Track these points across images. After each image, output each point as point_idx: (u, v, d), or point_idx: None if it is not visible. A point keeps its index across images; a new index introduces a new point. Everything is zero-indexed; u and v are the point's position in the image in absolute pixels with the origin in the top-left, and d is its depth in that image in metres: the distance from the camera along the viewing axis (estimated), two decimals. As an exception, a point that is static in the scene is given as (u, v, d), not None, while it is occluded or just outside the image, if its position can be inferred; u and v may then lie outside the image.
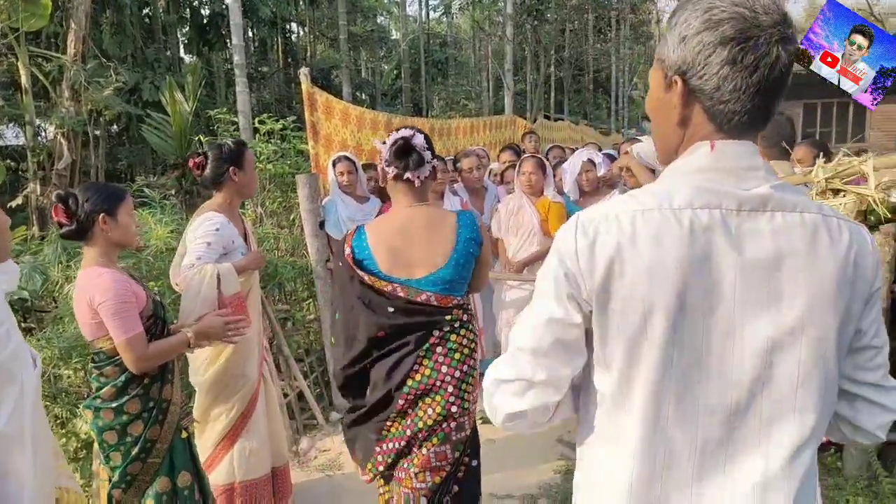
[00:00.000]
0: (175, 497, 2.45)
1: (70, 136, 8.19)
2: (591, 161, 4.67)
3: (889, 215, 2.04)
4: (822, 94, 19.30)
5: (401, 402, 2.17)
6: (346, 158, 4.62)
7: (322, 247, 4.48)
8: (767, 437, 1.03)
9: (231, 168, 2.89)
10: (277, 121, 5.36)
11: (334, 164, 4.58)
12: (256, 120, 5.46)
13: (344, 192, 4.57)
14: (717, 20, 0.97)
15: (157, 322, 2.41)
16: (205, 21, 18.01)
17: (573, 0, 18.23)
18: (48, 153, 8.31)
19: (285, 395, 4.27)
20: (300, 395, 4.44)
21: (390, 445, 2.23)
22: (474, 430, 2.33)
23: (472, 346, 2.28)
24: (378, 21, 31.51)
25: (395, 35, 27.26)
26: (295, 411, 4.40)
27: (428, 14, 29.75)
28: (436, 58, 28.82)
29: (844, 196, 2.12)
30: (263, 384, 3.19)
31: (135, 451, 2.34)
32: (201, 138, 5.39)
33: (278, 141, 5.32)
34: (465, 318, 2.26)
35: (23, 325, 4.52)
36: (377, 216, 4.73)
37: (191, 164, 2.94)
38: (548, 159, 6.52)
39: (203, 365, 2.98)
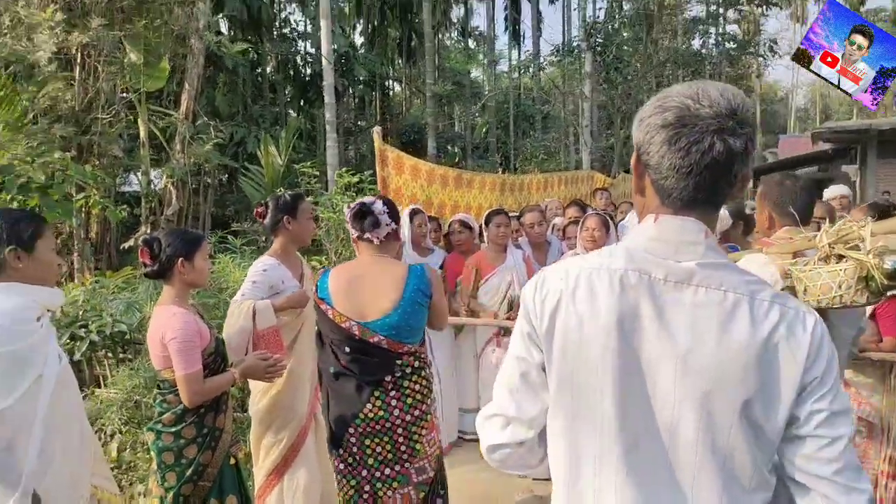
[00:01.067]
0: (222, 519, 2.67)
1: (179, 186, 9.03)
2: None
3: (886, 281, 2.00)
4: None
5: (350, 430, 2.38)
6: (420, 211, 4.86)
7: (385, 294, 4.71)
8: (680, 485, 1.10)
9: (285, 217, 3.19)
10: (354, 174, 5.72)
11: (412, 217, 4.83)
12: (336, 173, 5.86)
13: (412, 244, 4.78)
14: (664, 107, 1.10)
15: (216, 359, 2.66)
16: (306, 80, 19.37)
17: (659, 56, 18.14)
18: (159, 200, 9.19)
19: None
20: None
21: (344, 474, 2.46)
22: (440, 469, 2.52)
23: (426, 391, 2.48)
24: (472, 76, 32.68)
25: (487, 90, 28.16)
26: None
27: (519, 70, 30.50)
28: (526, 112, 29.39)
29: (846, 261, 2.09)
30: (315, 423, 3.38)
31: (188, 472, 2.57)
32: (281, 190, 5.84)
33: (354, 193, 5.66)
34: (416, 364, 2.47)
35: (121, 355, 5.02)
36: (441, 267, 4.95)
37: (256, 213, 3.27)
38: (617, 214, 6.56)
39: (258, 396, 3.24)
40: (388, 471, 2.39)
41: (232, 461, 2.71)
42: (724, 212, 4.09)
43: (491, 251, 4.70)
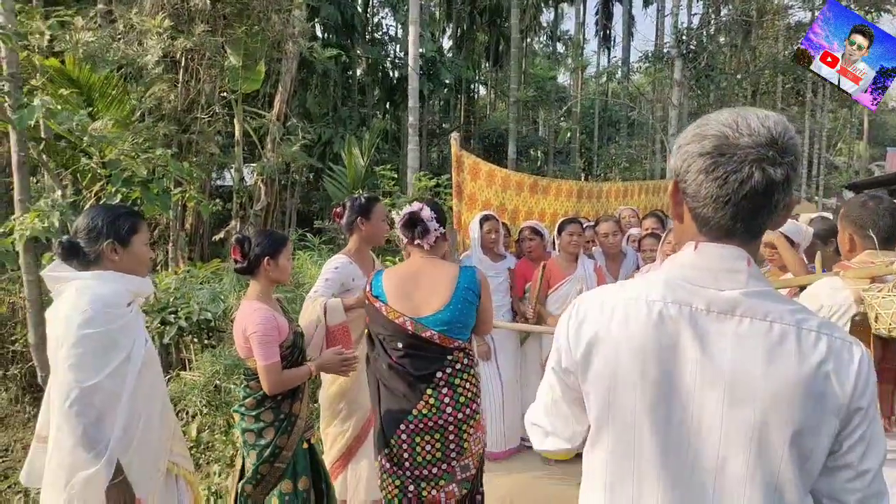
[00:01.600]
0: (296, 498, 2.83)
1: (268, 183, 9.48)
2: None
3: None
4: None
5: (402, 427, 2.44)
6: (494, 217, 4.92)
7: (454, 297, 4.79)
8: None
9: (359, 218, 3.36)
10: (432, 178, 5.83)
11: (482, 223, 4.89)
12: (414, 177, 5.98)
13: (484, 250, 4.85)
14: (703, 135, 1.10)
15: (294, 351, 2.84)
16: (393, 83, 19.81)
17: (757, 63, 17.31)
18: (249, 196, 9.68)
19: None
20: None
21: (390, 473, 2.52)
22: (481, 466, 2.58)
23: (476, 390, 2.54)
24: (559, 80, 32.38)
25: (577, 92, 27.85)
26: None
27: (608, 76, 29.93)
28: (613, 117, 28.80)
29: None
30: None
31: (266, 453, 2.77)
32: (360, 191, 6.04)
33: (431, 196, 5.77)
34: (465, 361, 2.54)
35: (206, 341, 5.35)
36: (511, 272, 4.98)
37: (334, 213, 3.44)
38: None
39: (327, 384, 3.43)
40: (434, 469, 2.47)
41: (305, 445, 2.87)
42: (806, 228, 3.90)
43: (562, 259, 4.69)
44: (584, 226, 5.01)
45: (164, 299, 5.14)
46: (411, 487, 2.47)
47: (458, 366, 2.53)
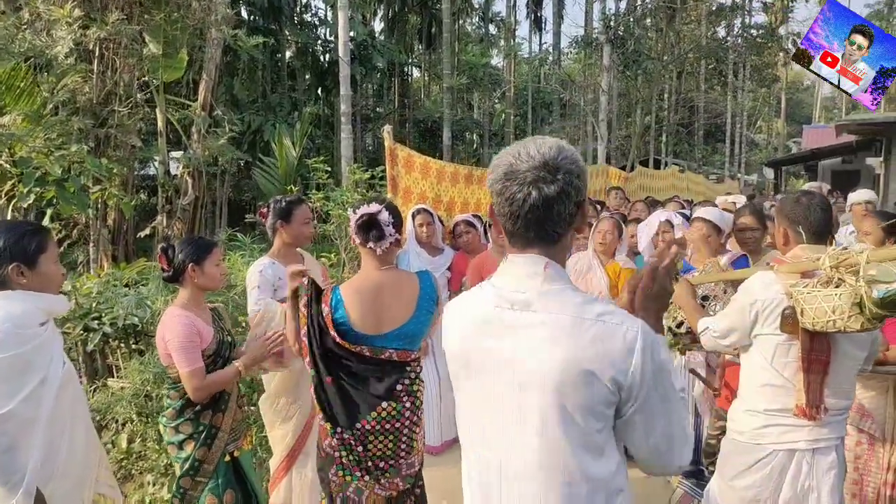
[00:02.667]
0: (222, 513, 2.76)
1: (195, 175, 9.14)
2: (668, 222, 4.65)
3: (875, 309, 1.99)
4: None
5: (358, 425, 2.42)
6: (426, 211, 4.88)
7: (392, 293, 4.76)
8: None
9: (279, 222, 3.31)
10: (366, 170, 5.75)
11: (414, 216, 4.85)
12: (348, 170, 5.88)
13: (420, 244, 4.82)
14: (497, 164, 1.36)
15: (216, 360, 2.76)
16: (325, 68, 19.38)
17: (682, 47, 17.83)
18: (176, 189, 9.31)
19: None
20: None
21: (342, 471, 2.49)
22: (422, 462, 2.63)
23: (422, 397, 2.58)
24: (493, 62, 32.44)
25: (510, 77, 27.96)
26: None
27: (540, 61, 30.21)
28: (546, 99, 29.12)
29: (843, 287, 2.08)
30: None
31: (186, 466, 2.70)
32: (291, 188, 5.89)
33: (365, 189, 5.69)
34: (419, 369, 2.56)
35: (133, 346, 5.13)
36: (449, 267, 4.97)
37: (259, 213, 3.37)
38: (630, 212, 6.51)
39: (267, 386, 3.36)
40: (382, 464, 2.46)
41: (227, 458, 2.80)
42: (729, 215, 4.04)
43: (495, 252, 4.70)
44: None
45: (87, 304, 4.89)
46: (353, 485, 2.45)
47: (413, 374, 2.52)
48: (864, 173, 26.75)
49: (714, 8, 19.61)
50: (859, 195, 5.25)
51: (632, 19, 15.32)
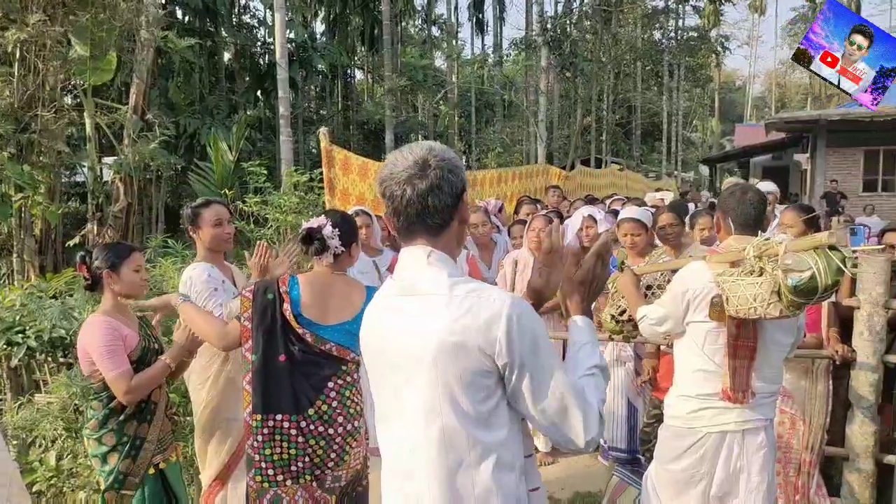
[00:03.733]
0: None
1: (127, 181, 8.84)
2: (591, 217, 4.79)
3: (791, 297, 2.11)
4: (884, 141, 18.72)
5: (294, 418, 2.42)
6: (364, 212, 4.87)
7: (331, 296, 4.71)
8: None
9: (190, 227, 3.23)
10: (303, 173, 5.69)
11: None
12: (285, 172, 5.81)
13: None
14: (382, 168, 1.50)
15: (140, 367, 2.66)
16: (263, 70, 19.00)
17: (618, 49, 18.28)
18: (107, 195, 8.98)
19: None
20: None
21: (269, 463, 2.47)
22: (358, 480, 2.60)
23: (359, 408, 2.56)
24: (437, 63, 32.50)
25: (454, 78, 28.02)
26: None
27: (483, 62, 30.46)
28: (489, 100, 29.36)
29: (764, 276, 2.19)
30: None
31: (110, 480, 2.62)
32: (226, 192, 5.76)
33: (303, 192, 5.63)
34: (356, 375, 2.54)
35: (62, 360, 4.93)
36: (389, 268, 4.97)
37: (181, 221, 3.30)
38: (571, 210, 6.66)
39: (200, 404, 3.22)
40: (309, 467, 2.44)
41: (151, 470, 2.73)
42: (647, 213, 4.19)
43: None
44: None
45: (9, 318, 4.68)
46: (279, 478, 2.43)
47: (349, 378, 2.51)
48: (792, 169, 28.08)
49: (649, 11, 20.17)
50: (763, 187, 5.50)
51: (568, 22, 15.62)
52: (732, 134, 41.33)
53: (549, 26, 14.34)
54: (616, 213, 5.22)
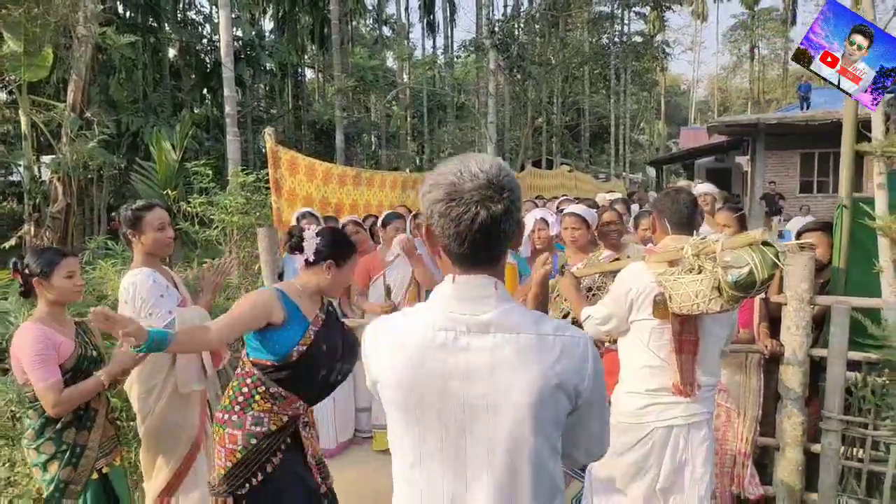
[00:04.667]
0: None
1: (65, 181, 8.54)
2: (543, 220, 4.86)
3: (731, 291, 2.23)
4: (819, 144, 19.60)
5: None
6: (311, 214, 4.84)
7: (278, 298, 4.68)
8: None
9: (129, 231, 3.07)
10: (249, 174, 5.61)
11: (298, 220, 4.80)
12: (231, 172, 5.71)
13: (306, 247, 4.77)
14: (436, 183, 1.30)
15: (75, 376, 2.60)
16: (209, 68, 18.58)
17: (565, 53, 18.62)
18: (44, 196, 8.65)
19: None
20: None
21: None
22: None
23: (228, 402, 2.63)
24: (388, 64, 32.38)
25: (405, 79, 27.96)
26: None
27: (434, 63, 30.51)
28: (442, 101, 29.46)
29: (704, 273, 2.30)
30: (206, 439, 3.26)
31: (51, 489, 2.55)
32: (168, 192, 5.63)
33: (249, 193, 5.55)
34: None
35: (-2, 366, 4.73)
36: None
37: (113, 224, 3.19)
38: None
39: (146, 415, 3.10)
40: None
41: (95, 475, 2.67)
42: (591, 213, 4.30)
43: (383, 254, 4.75)
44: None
45: (-63, 324, 4.45)
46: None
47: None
48: (734, 171, 29.08)
49: (594, 16, 20.59)
50: (700, 189, 5.70)
51: (516, 25, 15.82)
52: (678, 136, 42.55)
53: (496, 29, 14.49)
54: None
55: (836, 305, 3.12)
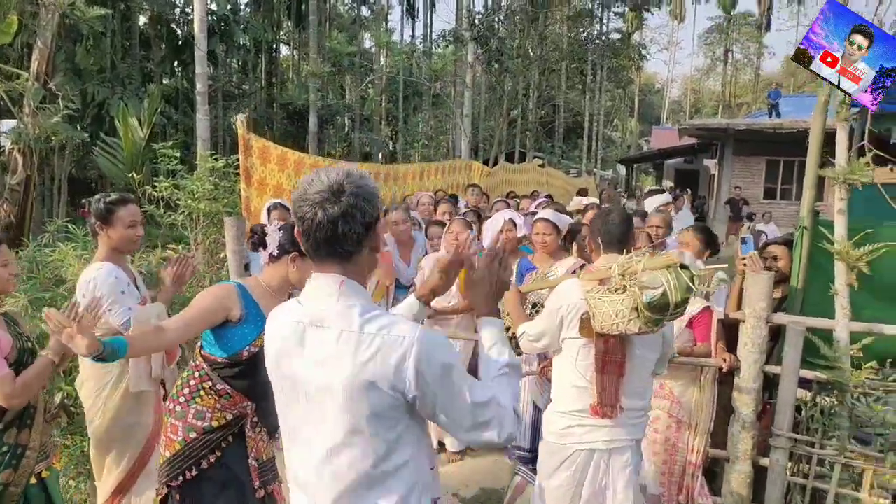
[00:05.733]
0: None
1: (26, 152, 8.25)
2: (512, 221, 4.89)
3: (646, 313, 2.26)
4: (784, 152, 20.04)
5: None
6: (282, 206, 4.77)
7: (244, 289, 4.62)
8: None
9: (98, 223, 2.99)
10: (217, 158, 5.50)
11: (269, 211, 4.73)
12: (199, 157, 5.59)
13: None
14: (296, 189, 1.49)
15: (19, 370, 2.48)
16: (181, 41, 18.06)
17: (543, 48, 18.64)
18: (3, 167, 8.36)
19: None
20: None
21: None
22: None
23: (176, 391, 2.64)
24: (366, 46, 31.97)
25: (383, 62, 27.60)
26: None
27: (412, 51, 30.21)
28: (419, 88, 29.25)
29: (626, 293, 2.33)
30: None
31: None
32: (134, 176, 5.48)
33: (218, 179, 5.45)
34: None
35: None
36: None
37: (81, 211, 3.07)
38: (491, 210, 6.77)
39: (96, 413, 3.03)
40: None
41: (34, 480, 2.58)
42: (563, 219, 4.35)
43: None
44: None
45: None
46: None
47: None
48: (702, 173, 29.61)
49: (574, 13, 20.64)
50: (656, 200, 5.76)
51: (496, 19, 15.78)
52: (650, 135, 43.06)
53: (476, 22, 14.44)
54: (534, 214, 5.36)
55: (792, 326, 3.21)
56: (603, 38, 25.81)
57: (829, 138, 3.31)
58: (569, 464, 2.57)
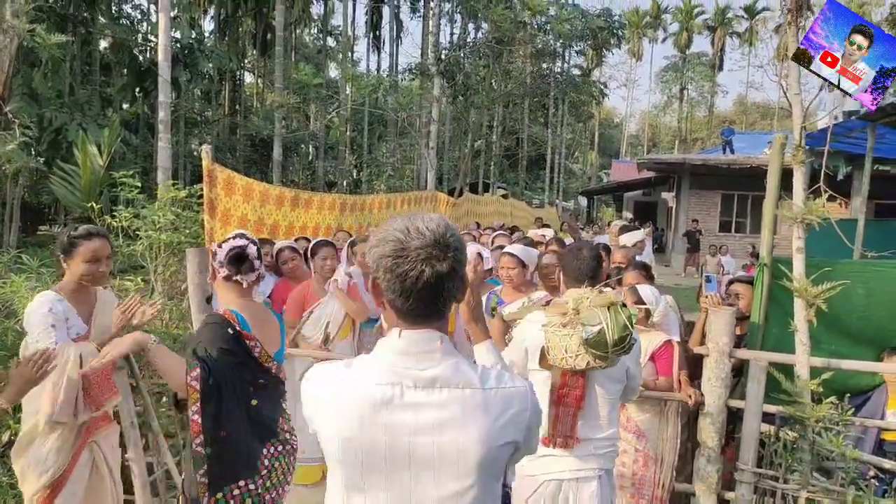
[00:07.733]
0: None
1: (-24, 178, 7.99)
2: (479, 255, 4.92)
3: (590, 349, 2.30)
4: (738, 187, 20.73)
5: (265, 451, 2.42)
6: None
7: (206, 322, 4.51)
8: None
9: (62, 256, 2.94)
10: (180, 189, 5.41)
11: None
12: (161, 186, 5.48)
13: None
14: (384, 239, 1.33)
15: None
16: (143, 69, 17.85)
17: (507, 84, 19.03)
18: (-49, 192, 8.05)
19: (151, 472, 4.18)
20: (168, 474, 4.35)
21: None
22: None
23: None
24: (332, 75, 32.06)
25: (349, 91, 27.72)
26: (161, 489, 4.31)
27: (378, 84, 30.43)
28: (385, 116, 29.42)
29: (574, 328, 2.37)
30: (97, 448, 3.06)
31: None
32: (93, 205, 5.33)
33: (179, 209, 5.34)
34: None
35: None
36: (269, 295, 4.82)
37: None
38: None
39: (30, 415, 2.85)
40: (275, 493, 2.40)
41: None
42: (530, 254, 4.38)
43: (317, 283, 4.64)
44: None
45: None
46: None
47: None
48: (660, 206, 30.38)
49: (536, 50, 21.16)
50: (632, 237, 5.88)
51: (462, 54, 16.07)
52: (610, 167, 44.09)
53: (443, 56, 14.67)
54: (502, 248, 5.40)
55: (754, 361, 3.28)
56: (564, 74, 26.46)
57: (783, 174, 3.43)
58: (538, 496, 2.57)
